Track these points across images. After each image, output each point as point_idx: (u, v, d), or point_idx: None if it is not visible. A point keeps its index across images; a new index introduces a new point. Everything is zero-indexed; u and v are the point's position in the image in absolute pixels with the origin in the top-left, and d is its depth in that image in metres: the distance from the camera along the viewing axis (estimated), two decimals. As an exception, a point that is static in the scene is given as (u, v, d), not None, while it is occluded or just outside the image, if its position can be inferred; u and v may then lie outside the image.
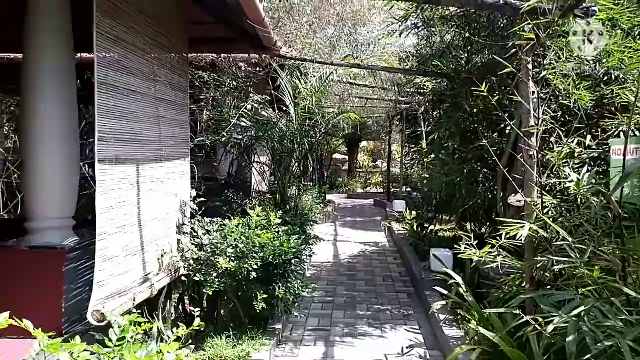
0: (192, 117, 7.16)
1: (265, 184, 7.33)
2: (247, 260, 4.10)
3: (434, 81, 6.84)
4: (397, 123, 14.82)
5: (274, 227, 4.49)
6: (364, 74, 7.74)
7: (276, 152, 6.62)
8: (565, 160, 4.30)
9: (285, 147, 6.47)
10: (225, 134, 5.67)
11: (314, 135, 6.89)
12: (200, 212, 5.91)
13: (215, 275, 4.09)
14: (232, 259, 4.11)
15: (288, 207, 6.70)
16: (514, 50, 3.42)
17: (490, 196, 5.50)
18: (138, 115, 3.73)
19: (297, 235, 4.67)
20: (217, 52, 6.26)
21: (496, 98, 3.74)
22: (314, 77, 6.44)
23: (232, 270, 4.04)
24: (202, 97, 6.86)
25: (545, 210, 3.76)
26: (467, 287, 4.59)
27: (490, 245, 3.70)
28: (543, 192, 3.67)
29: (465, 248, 3.91)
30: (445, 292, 4.86)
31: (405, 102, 9.33)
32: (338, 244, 9.53)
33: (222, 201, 6.00)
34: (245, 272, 4.07)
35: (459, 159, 5.75)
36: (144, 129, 3.84)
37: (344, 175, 23.58)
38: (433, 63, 5.89)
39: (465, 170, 5.56)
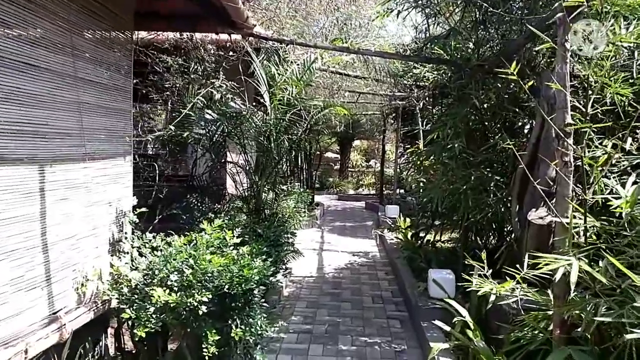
0: (155, 108, 6.20)
1: (240, 187, 6.35)
2: (193, 291, 3.15)
3: (436, 71, 5.90)
4: (392, 121, 13.87)
5: (231, 247, 3.53)
6: (355, 61, 6.78)
7: (250, 150, 5.67)
8: (602, 169, 3.39)
9: (260, 145, 5.51)
10: (172, 128, 4.67)
11: (295, 132, 5.93)
12: (157, 220, 4.95)
13: (152, 310, 3.14)
14: (175, 288, 3.16)
15: (263, 215, 5.75)
16: (557, 15, 2.52)
17: (502, 209, 4.57)
18: (42, 100, 2.76)
19: (265, 256, 3.72)
20: (179, 30, 5.28)
21: (528, 84, 2.82)
22: (297, 63, 5.47)
23: (174, 305, 3.09)
24: (166, 86, 5.87)
25: (583, 234, 2.89)
26: (475, 326, 3.68)
27: (515, 281, 2.79)
28: (585, 210, 2.77)
29: (479, 283, 2.99)
30: (447, 328, 3.94)
31: (401, 96, 8.37)
32: (324, 253, 8.57)
33: (182, 208, 5.02)
34: (192, 306, 3.13)
35: (464, 162, 4.81)
36: (53, 118, 2.87)
37: (335, 175, 22.65)
38: (435, 49, 4.95)
39: (472, 177, 4.62)
